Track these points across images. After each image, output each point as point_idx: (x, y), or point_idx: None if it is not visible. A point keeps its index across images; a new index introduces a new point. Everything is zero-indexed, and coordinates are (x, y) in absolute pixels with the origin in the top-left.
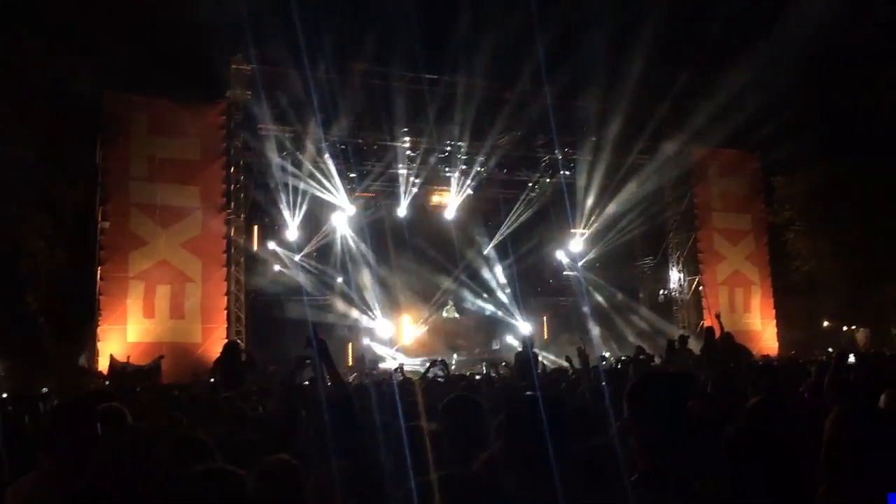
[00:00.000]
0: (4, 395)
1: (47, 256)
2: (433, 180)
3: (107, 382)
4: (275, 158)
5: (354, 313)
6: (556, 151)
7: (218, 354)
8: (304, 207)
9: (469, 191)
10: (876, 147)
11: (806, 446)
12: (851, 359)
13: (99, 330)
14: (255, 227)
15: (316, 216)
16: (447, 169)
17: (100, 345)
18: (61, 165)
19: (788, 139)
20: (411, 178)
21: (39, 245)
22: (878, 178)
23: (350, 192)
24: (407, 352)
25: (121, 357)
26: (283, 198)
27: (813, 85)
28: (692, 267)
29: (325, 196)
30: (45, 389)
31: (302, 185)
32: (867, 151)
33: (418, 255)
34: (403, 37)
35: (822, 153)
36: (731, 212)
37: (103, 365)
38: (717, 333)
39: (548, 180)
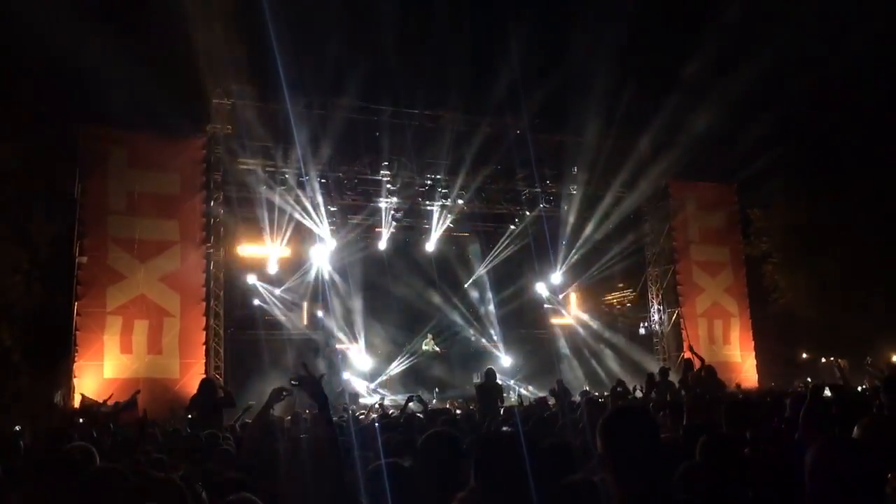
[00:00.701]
0: None
1: (23, 291)
2: None
3: (81, 420)
4: (255, 192)
5: (334, 346)
6: (537, 185)
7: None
8: (285, 241)
9: (450, 224)
10: (852, 181)
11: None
12: (828, 392)
13: (75, 366)
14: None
15: (296, 250)
16: (427, 202)
17: (76, 381)
18: (38, 199)
19: (766, 173)
20: (391, 212)
21: (15, 280)
22: (853, 211)
23: (332, 225)
24: (386, 386)
25: (97, 396)
26: (264, 231)
27: (790, 119)
28: (672, 299)
29: (307, 229)
30: (17, 427)
31: (284, 217)
32: (843, 185)
33: (399, 289)
34: (384, 70)
35: (798, 187)
36: (709, 244)
37: (79, 401)
38: (696, 365)
39: (528, 213)
